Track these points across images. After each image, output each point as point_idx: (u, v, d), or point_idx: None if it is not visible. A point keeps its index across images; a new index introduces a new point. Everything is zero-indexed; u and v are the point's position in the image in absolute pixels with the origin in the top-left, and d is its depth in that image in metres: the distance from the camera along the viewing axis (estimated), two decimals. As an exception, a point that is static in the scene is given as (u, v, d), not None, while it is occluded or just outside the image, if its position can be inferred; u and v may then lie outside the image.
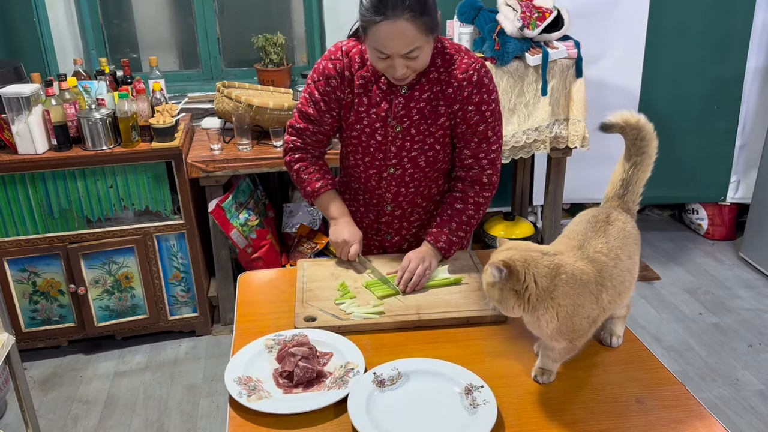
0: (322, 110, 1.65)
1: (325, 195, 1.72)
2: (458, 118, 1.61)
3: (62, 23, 3.10)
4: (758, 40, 3.41)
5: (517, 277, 1.13)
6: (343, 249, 1.69)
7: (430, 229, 1.69)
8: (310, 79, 1.65)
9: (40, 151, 2.50)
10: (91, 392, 2.60)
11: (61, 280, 2.69)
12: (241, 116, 2.71)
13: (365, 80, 1.60)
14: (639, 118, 1.32)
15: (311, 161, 1.73)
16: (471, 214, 1.69)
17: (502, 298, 1.15)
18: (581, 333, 1.18)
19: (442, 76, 1.58)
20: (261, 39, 3.18)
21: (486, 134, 1.63)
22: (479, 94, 1.58)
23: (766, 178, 3.35)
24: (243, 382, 1.23)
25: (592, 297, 1.16)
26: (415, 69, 1.50)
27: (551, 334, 1.17)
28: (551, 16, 2.74)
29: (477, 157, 1.65)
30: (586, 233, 1.25)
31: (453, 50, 1.59)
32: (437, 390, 1.21)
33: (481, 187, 1.68)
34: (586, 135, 2.86)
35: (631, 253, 1.26)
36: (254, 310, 1.55)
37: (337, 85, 1.61)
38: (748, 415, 2.42)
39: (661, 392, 1.23)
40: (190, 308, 2.90)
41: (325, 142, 1.74)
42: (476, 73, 1.57)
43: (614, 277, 1.20)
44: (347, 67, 1.60)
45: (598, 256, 1.20)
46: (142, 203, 2.68)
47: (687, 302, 3.18)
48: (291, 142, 1.72)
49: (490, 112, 1.61)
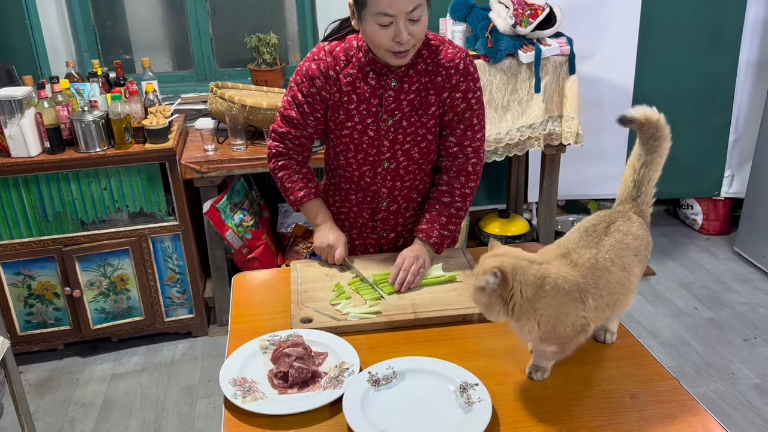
0: (306, 113, 1.64)
1: (308, 204, 1.73)
2: (446, 105, 1.63)
3: (54, 25, 3.09)
4: (750, 35, 3.42)
5: (506, 285, 1.12)
6: (328, 253, 1.70)
7: (420, 225, 1.70)
8: (292, 81, 1.64)
9: (33, 154, 2.49)
10: (88, 395, 2.60)
11: (56, 283, 2.69)
12: (234, 116, 2.71)
13: (352, 77, 1.60)
14: (660, 117, 1.30)
15: (294, 169, 1.73)
16: (459, 206, 1.70)
17: (489, 303, 1.14)
18: (567, 339, 1.18)
19: (430, 67, 1.60)
20: (254, 39, 3.18)
21: (471, 122, 1.65)
22: (466, 82, 1.61)
23: (759, 172, 3.36)
24: (238, 384, 1.23)
25: (576, 305, 1.15)
26: (417, 38, 1.48)
27: (535, 340, 1.18)
28: (543, 13, 2.74)
29: (462, 144, 1.67)
30: (578, 242, 1.24)
31: (437, 41, 1.62)
32: (432, 388, 1.22)
33: (467, 177, 1.69)
34: (579, 132, 2.87)
35: (626, 265, 1.23)
36: (249, 310, 1.55)
37: (322, 85, 1.60)
38: (744, 409, 2.42)
39: (655, 388, 1.23)
40: (186, 309, 2.90)
41: (308, 146, 1.73)
42: (462, 62, 1.61)
43: (601, 287, 1.18)
44: (332, 66, 1.60)
45: (585, 263, 1.19)
46: (136, 205, 2.67)
47: (682, 297, 3.19)
48: (274, 147, 1.72)
49: (475, 99, 1.64)
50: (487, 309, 1.16)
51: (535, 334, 1.16)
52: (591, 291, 1.17)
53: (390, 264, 1.63)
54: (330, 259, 1.70)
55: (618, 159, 3.60)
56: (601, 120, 3.45)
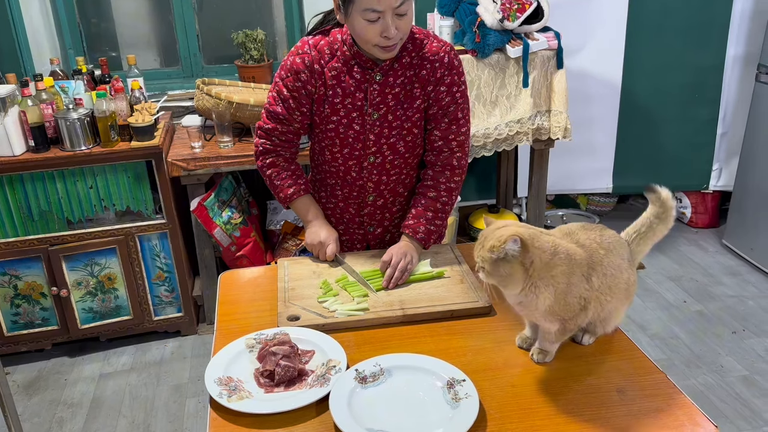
0: (291, 108, 1.63)
1: (299, 200, 1.72)
2: (431, 99, 1.63)
3: (38, 22, 3.05)
4: (737, 29, 3.43)
5: (526, 250, 1.15)
6: (320, 250, 1.69)
7: (407, 221, 1.69)
8: (277, 77, 1.64)
9: (18, 153, 2.47)
10: (76, 395, 2.58)
11: (42, 283, 2.66)
12: (221, 113, 2.69)
13: (337, 71, 1.59)
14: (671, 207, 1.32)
15: (283, 166, 1.72)
16: (445, 201, 1.70)
17: (511, 272, 1.16)
18: (573, 314, 1.21)
19: (414, 60, 1.60)
20: (241, 35, 3.15)
21: (456, 115, 1.65)
22: (450, 75, 1.61)
23: (747, 165, 3.38)
24: (223, 383, 1.22)
25: (583, 279, 1.20)
26: (403, 32, 1.49)
27: (545, 313, 1.20)
28: (531, 7, 2.73)
29: (447, 138, 1.66)
30: (579, 228, 1.30)
31: (422, 35, 1.62)
32: (419, 385, 1.21)
33: (452, 171, 1.69)
34: (568, 126, 2.87)
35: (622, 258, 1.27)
36: (236, 309, 1.53)
37: (307, 79, 1.60)
38: (733, 401, 2.44)
39: (642, 381, 1.23)
40: (174, 308, 2.88)
41: (296, 142, 1.72)
42: (447, 55, 1.61)
43: (605, 266, 1.23)
44: (316, 60, 1.59)
45: (590, 243, 1.25)
46: (123, 203, 2.65)
47: (671, 290, 3.20)
48: (261, 144, 1.71)
49: (460, 93, 1.64)
50: (508, 279, 1.17)
51: (549, 303, 1.18)
52: (596, 268, 1.22)
53: (378, 261, 1.62)
54: (322, 256, 1.69)
55: (606, 153, 3.61)
56: (589, 114, 3.45)
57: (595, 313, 1.25)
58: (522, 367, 1.28)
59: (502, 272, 1.17)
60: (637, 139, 3.58)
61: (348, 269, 1.63)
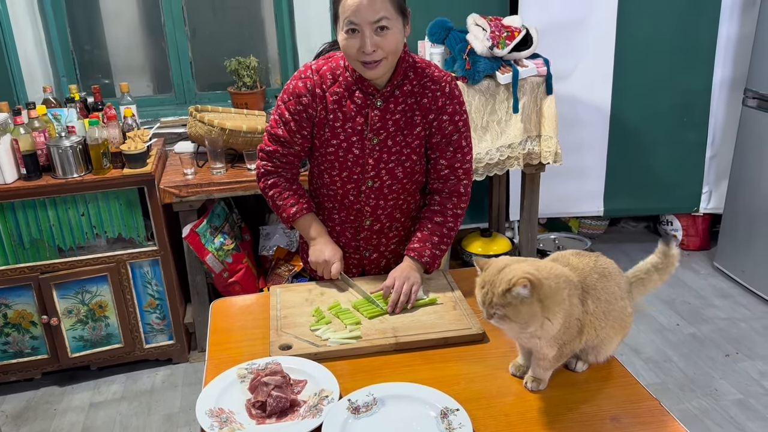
0: (293, 130, 1.65)
1: (302, 219, 1.73)
2: (433, 128, 1.65)
3: (31, 51, 3.06)
4: (723, 52, 3.48)
5: (540, 287, 1.15)
6: (324, 268, 1.69)
7: (412, 244, 1.70)
8: (279, 100, 1.66)
9: (9, 181, 2.46)
10: (66, 425, 2.54)
11: (32, 311, 2.64)
12: (214, 140, 2.70)
13: (339, 96, 1.61)
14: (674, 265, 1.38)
15: (285, 186, 1.73)
16: (451, 227, 1.72)
17: (531, 310, 1.15)
18: (570, 338, 1.22)
19: (416, 88, 1.62)
20: (234, 62, 3.18)
21: (460, 143, 1.68)
22: (452, 104, 1.64)
23: (736, 187, 3.41)
24: (215, 414, 1.21)
25: (579, 301, 1.21)
26: (386, 50, 1.50)
27: (549, 339, 1.20)
28: (520, 35, 2.77)
29: (453, 167, 1.69)
30: (571, 254, 1.31)
31: (424, 64, 1.65)
32: (413, 415, 1.20)
33: (459, 198, 1.72)
34: (558, 151, 2.89)
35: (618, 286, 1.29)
36: (227, 338, 1.52)
37: (308, 103, 1.62)
38: (728, 426, 2.43)
39: (635, 409, 1.23)
40: (166, 336, 2.86)
41: (297, 164, 1.74)
42: (448, 85, 1.64)
43: (599, 290, 1.24)
44: (318, 84, 1.61)
45: (583, 267, 1.27)
46: (114, 230, 2.64)
47: (664, 313, 3.21)
48: (262, 166, 1.72)
49: (462, 122, 1.67)
50: (529, 317, 1.16)
51: (558, 326, 1.18)
52: (590, 292, 1.23)
53: (381, 283, 1.62)
54: (326, 274, 1.69)
55: (597, 177, 3.64)
56: (580, 138, 3.48)
57: (590, 338, 1.26)
58: (515, 395, 1.28)
59: (523, 314, 1.16)
60: (628, 163, 3.61)
61: (358, 289, 1.64)
